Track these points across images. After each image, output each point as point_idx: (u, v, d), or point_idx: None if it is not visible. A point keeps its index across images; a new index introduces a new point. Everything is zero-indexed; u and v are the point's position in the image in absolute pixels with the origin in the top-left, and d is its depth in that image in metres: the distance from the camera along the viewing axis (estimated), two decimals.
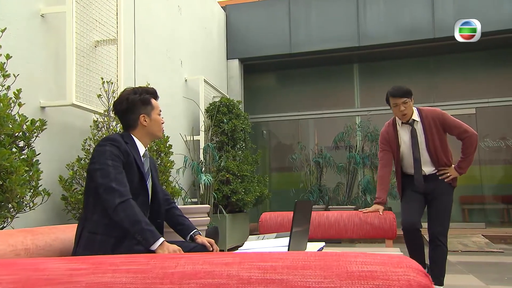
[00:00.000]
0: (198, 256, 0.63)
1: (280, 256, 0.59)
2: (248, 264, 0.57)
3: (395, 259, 0.58)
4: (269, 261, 0.58)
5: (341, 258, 0.58)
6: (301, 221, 1.54)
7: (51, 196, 3.21)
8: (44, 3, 3.36)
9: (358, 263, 0.57)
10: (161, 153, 3.73)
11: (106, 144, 1.76)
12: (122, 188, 1.68)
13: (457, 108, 7.84)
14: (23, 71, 3.14)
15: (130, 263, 0.61)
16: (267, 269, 0.56)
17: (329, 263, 0.57)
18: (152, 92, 2.00)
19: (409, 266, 0.56)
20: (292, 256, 0.59)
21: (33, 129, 2.42)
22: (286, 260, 0.57)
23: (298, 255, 0.59)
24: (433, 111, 3.05)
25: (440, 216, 2.95)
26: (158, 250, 1.63)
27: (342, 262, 0.57)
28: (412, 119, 3.02)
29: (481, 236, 6.17)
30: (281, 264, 0.57)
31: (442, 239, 2.90)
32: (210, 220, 4.91)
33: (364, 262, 0.57)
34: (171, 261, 0.61)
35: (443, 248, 2.90)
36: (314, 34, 7.69)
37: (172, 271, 0.58)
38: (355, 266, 0.57)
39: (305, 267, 0.56)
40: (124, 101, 1.92)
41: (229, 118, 6.05)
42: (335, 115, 8.35)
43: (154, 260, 0.62)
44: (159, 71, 5.23)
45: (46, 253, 1.64)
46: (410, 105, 2.98)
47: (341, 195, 7.68)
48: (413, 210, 2.94)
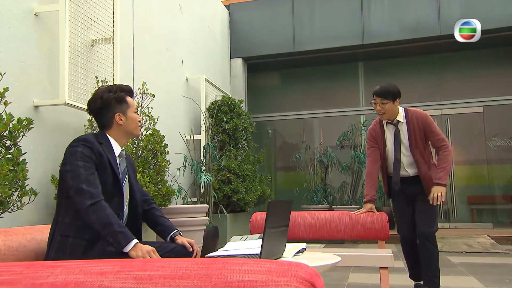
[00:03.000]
0: (77, 264, 0.58)
1: (164, 264, 0.55)
2: (126, 273, 0.53)
3: (284, 267, 0.54)
4: (149, 270, 0.53)
5: (226, 267, 0.54)
6: (276, 222, 1.49)
7: (44, 196, 3.21)
8: (38, 2, 3.35)
9: (242, 271, 0.53)
10: (156, 152, 3.71)
11: (78, 145, 1.72)
12: (93, 189, 1.64)
13: (464, 106, 7.72)
14: (16, 70, 3.14)
15: (2, 273, 0.57)
16: (143, 279, 0.52)
17: (210, 272, 0.52)
18: (127, 90, 1.96)
19: (294, 275, 0.52)
20: (175, 265, 0.54)
21: (19, 128, 2.40)
22: (167, 269, 0.53)
23: (183, 263, 0.55)
24: (418, 113, 3.00)
25: (426, 216, 2.88)
26: (131, 252, 1.59)
27: (225, 271, 0.53)
28: (396, 120, 2.98)
29: (487, 236, 6.05)
30: (160, 274, 0.52)
31: (430, 239, 2.84)
32: (209, 220, 4.88)
33: (248, 270, 0.53)
34: (45, 270, 0.57)
35: (433, 248, 2.84)
36: (318, 32, 7.61)
37: (41, 282, 0.54)
38: (237, 275, 0.52)
39: (184, 277, 0.52)
40: (98, 100, 1.89)
41: (230, 117, 6.01)
42: (340, 114, 8.27)
43: (28, 269, 0.58)
44: (159, 70, 5.21)
45: (19, 254, 1.62)
46: (390, 107, 2.92)
47: (346, 195, 7.61)
48: (406, 222, 2.98)
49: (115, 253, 1.61)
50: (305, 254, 1.80)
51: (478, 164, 7.93)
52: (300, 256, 1.75)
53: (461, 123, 7.89)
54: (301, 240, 2.83)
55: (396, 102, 2.94)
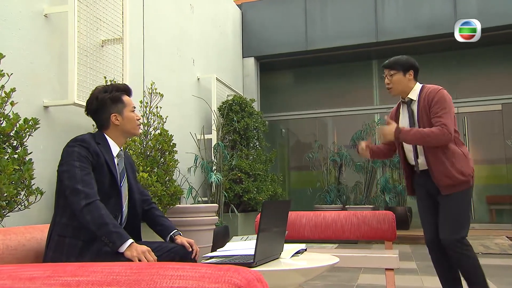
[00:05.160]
0: (8, 269, 0.57)
1: (97, 269, 0.53)
2: (55, 279, 0.51)
3: (220, 272, 0.51)
4: (79, 276, 0.51)
5: (159, 272, 0.51)
6: (271, 222, 1.46)
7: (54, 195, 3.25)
8: (48, 3, 3.39)
9: (174, 277, 0.50)
10: (165, 152, 3.71)
11: (75, 145, 1.73)
12: (88, 189, 1.64)
13: (482, 104, 7.54)
14: (26, 71, 3.19)
15: None
16: (70, 285, 0.50)
17: (141, 278, 0.50)
18: (124, 89, 1.95)
19: (227, 282, 0.49)
20: (108, 270, 0.52)
21: (25, 128, 2.42)
22: (98, 275, 0.51)
23: (117, 268, 0.53)
24: (432, 88, 2.50)
25: (444, 219, 2.44)
26: (126, 252, 1.59)
27: (156, 276, 0.50)
28: (409, 98, 2.55)
29: (505, 237, 5.90)
30: (89, 279, 0.50)
31: (454, 247, 2.38)
32: (219, 219, 4.88)
33: (180, 276, 0.50)
34: None
35: (462, 257, 2.38)
36: (330, 30, 7.54)
37: None
38: (168, 281, 0.50)
39: (113, 283, 0.49)
40: (94, 101, 1.89)
41: (241, 117, 5.99)
42: (353, 112, 8.18)
43: None
44: (170, 70, 5.23)
45: (18, 253, 1.63)
46: (398, 80, 2.53)
47: (360, 195, 7.52)
48: (428, 223, 2.56)
49: (111, 254, 1.61)
50: (304, 255, 1.77)
51: (497, 163, 7.74)
52: (299, 256, 1.72)
53: (479, 121, 7.71)
54: (306, 241, 2.80)
55: (409, 75, 2.55)
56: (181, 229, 2.04)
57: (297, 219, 2.68)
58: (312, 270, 1.51)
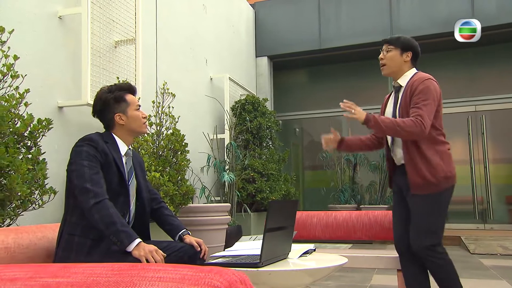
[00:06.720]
0: None
1: (78, 270, 0.52)
2: (36, 280, 0.51)
3: (201, 274, 0.50)
4: (60, 277, 0.51)
5: (139, 274, 0.51)
6: (278, 222, 1.45)
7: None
8: (62, 5, 3.44)
9: (154, 279, 0.50)
10: (177, 151, 3.73)
11: (83, 145, 1.74)
12: (97, 188, 1.65)
13: (500, 102, 7.37)
14: (41, 72, 3.24)
15: None
16: (50, 286, 0.49)
17: (121, 280, 0.50)
18: (127, 88, 1.96)
19: (207, 284, 0.48)
20: (90, 271, 0.52)
21: (39, 128, 2.46)
22: (78, 276, 0.50)
23: (98, 270, 0.52)
24: (419, 76, 2.30)
25: (414, 223, 2.23)
26: (134, 252, 1.59)
27: (136, 278, 0.50)
28: (398, 84, 2.35)
29: None
30: (68, 281, 0.50)
31: (424, 254, 2.17)
32: (232, 219, 4.88)
33: (161, 278, 0.50)
34: None
35: (433, 265, 2.17)
36: (344, 29, 7.47)
37: None
38: (147, 282, 0.49)
39: (92, 284, 0.49)
40: (98, 102, 1.91)
41: (254, 116, 5.99)
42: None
43: None
44: (182, 70, 5.26)
45: (29, 252, 1.65)
46: (392, 57, 2.32)
47: (374, 195, 7.44)
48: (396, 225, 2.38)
49: (119, 253, 1.62)
50: (312, 255, 1.76)
51: None
52: (307, 257, 1.70)
53: (497, 119, 7.54)
54: (318, 241, 2.78)
55: (406, 56, 2.34)
56: (193, 229, 2.04)
57: (308, 219, 2.66)
58: (319, 271, 1.49)
